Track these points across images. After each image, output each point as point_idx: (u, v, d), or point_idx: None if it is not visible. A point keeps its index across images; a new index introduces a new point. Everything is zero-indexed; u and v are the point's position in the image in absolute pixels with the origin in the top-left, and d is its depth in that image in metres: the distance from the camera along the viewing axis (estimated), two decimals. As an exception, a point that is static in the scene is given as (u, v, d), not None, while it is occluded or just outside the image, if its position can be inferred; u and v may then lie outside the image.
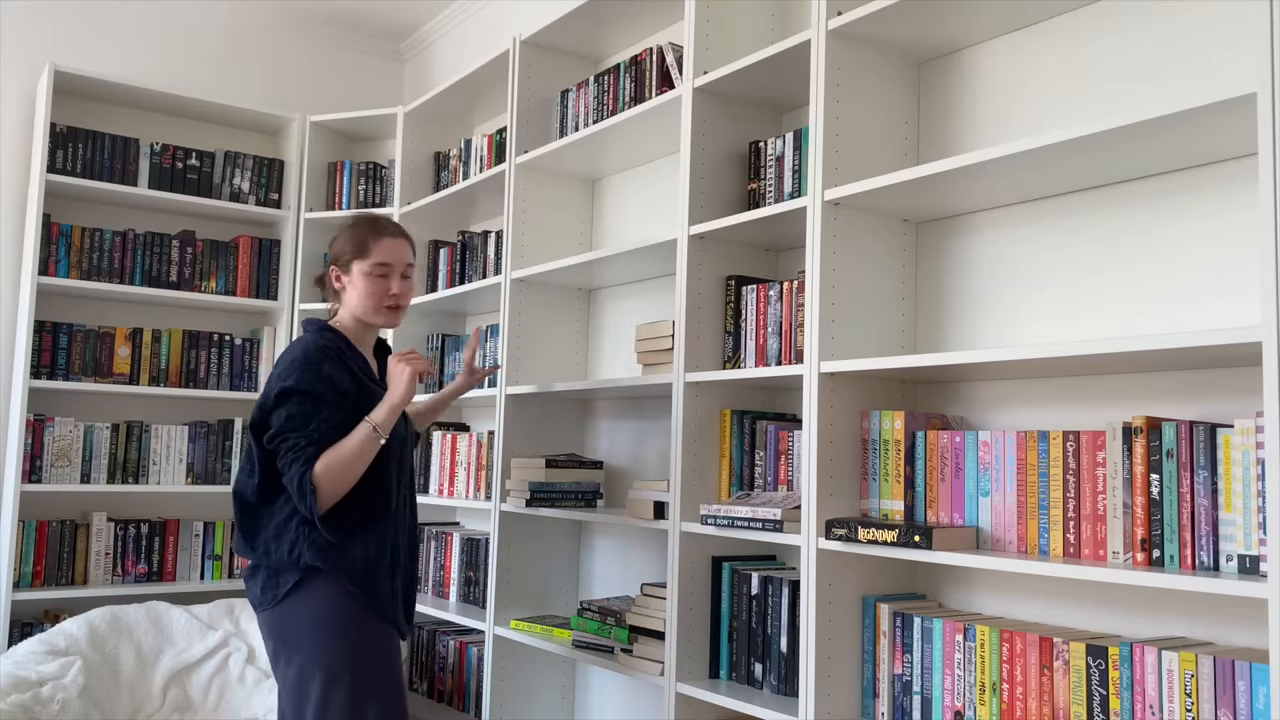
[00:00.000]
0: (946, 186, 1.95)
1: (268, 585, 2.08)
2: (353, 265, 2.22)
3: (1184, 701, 1.55)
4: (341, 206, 4.12)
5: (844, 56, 2.13)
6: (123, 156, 3.81)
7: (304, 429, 2.03)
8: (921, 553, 1.82)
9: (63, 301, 3.84)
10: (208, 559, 3.94)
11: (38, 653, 3.02)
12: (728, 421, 2.42)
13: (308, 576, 2.04)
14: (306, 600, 2.05)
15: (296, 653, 2.05)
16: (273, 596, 2.07)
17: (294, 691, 2.05)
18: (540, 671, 3.10)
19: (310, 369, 2.07)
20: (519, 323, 3.10)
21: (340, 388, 2.09)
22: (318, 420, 2.04)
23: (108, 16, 4.01)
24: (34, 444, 3.59)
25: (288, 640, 2.06)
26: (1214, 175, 1.74)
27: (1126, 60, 1.88)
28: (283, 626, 2.07)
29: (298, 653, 2.05)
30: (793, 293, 2.23)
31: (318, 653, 2.03)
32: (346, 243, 2.24)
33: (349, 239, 2.24)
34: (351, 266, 2.22)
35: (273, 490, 2.10)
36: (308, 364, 2.07)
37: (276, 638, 2.08)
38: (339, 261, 2.25)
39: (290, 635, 2.06)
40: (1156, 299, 1.80)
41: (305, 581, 2.04)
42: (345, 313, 2.26)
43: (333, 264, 2.26)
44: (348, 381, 2.11)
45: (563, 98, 3.15)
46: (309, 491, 1.99)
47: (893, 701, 1.99)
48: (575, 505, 2.86)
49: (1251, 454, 1.51)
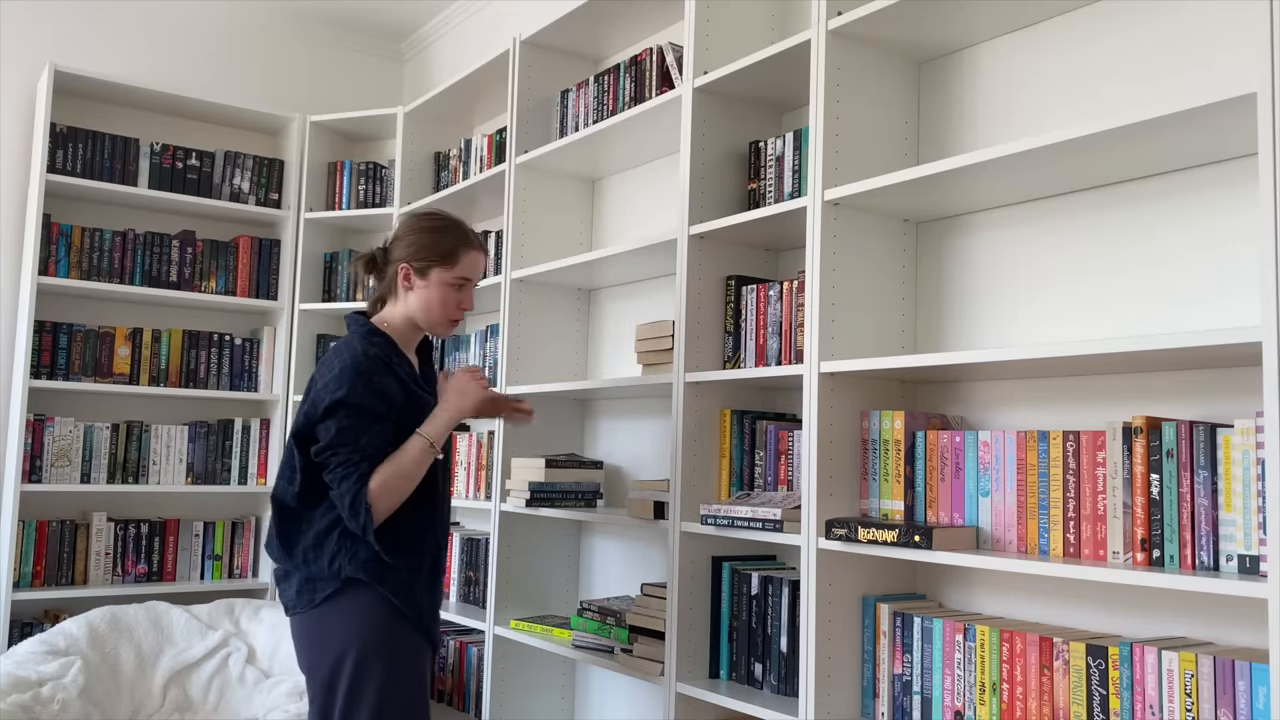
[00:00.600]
0: (946, 186, 1.95)
1: (304, 590, 2.02)
2: (432, 271, 2.11)
3: (1184, 701, 1.55)
4: (341, 207, 4.12)
5: (844, 56, 2.13)
6: (123, 156, 3.81)
7: (355, 443, 1.95)
8: (921, 553, 1.82)
9: (63, 301, 3.84)
10: (208, 559, 3.94)
11: (38, 653, 3.02)
12: (728, 421, 2.42)
13: (347, 586, 1.99)
14: (343, 608, 1.99)
15: (328, 658, 1.99)
16: (309, 601, 2.01)
17: (323, 694, 2.00)
18: (540, 671, 3.10)
19: (361, 380, 1.98)
20: (519, 323, 3.10)
21: (391, 400, 2.01)
22: (369, 435, 1.97)
23: (108, 16, 4.01)
24: (34, 444, 3.59)
25: (321, 645, 2.00)
26: (1214, 175, 1.74)
27: (1127, 60, 1.88)
28: (317, 631, 2.01)
29: (329, 658, 1.99)
30: (793, 293, 2.23)
31: (350, 661, 1.97)
32: (431, 247, 2.11)
33: (435, 244, 2.12)
34: (431, 272, 2.11)
35: (314, 498, 2.04)
36: (358, 375, 1.98)
37: (309, 641, 2.03)
38: (416, 262, 2.11)
39: (324, 640, 2.00)
40: (1156, 299, 1.80)
41: (344, 590, 1.99)
42: (400, 312, 2.14)
43: (406, 262, 2.11)
44: (398, 392, 2.03)
45: (563, 98, 3.15)
46: (363, 510, 1.93)
47: (893, 701, 1.99)
48: (575, 505, 2.86)
49: (1251, 454, 1.51)
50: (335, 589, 1.99)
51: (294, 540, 2.05)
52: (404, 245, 2.13)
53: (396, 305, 2.15)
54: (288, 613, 2.07)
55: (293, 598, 2.05)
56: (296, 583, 2.04)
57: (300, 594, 2.03)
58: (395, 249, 2.15)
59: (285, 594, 2.07)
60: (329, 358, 2.06)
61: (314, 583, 2.01)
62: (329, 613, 2.00)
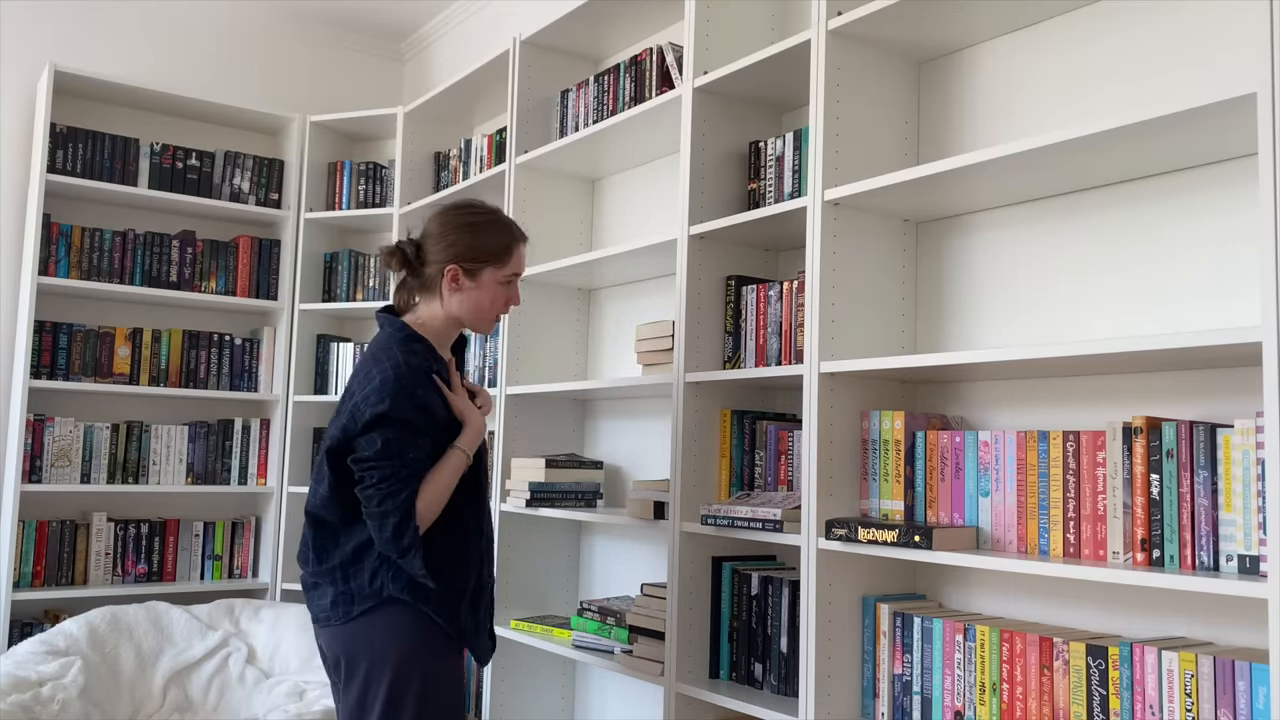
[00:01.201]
0: (946, 186, 1.95)
1: (339, 602, 1.92)
2: (484, 272, 2.00)
3: (1184, 701, 1.55)
4: (341, 207, 4.12)
5: (844, 56, 2.13)
6: (123, 156, 3.81)
7: (401, 457, 1.86)
8: (921, 553, 1.82)
9: (63, 301, 3.84)
10: (208, 559, 3.94)
11: (38, 653, 3.02)
12: (728, 421, 2.42)
13: (386, 602, 1.89)
14: (381, 624, 1.89)
15: (363, 670, 1.90)
16: (344, 614, 1.91)
17: (356, 707, 1.91)
18: (540, 671, 3.10)
19: (405, 394, 1.88)
20: (519, 323, 3.10)
21: (434, 414, 1.92)
22: (414, 450, 1.88)
23: (108, 16, 4.01)
24: (34, 444, 3.59)
25: (357, 656, 1.91)
26: (1214, 175, 1.74)
27: (1126, 60, 1.88)
28: (353, 643, 1.91)
29: (365, 670, 1.89)
30: (793, 293, 2.23)
31: (389, 674, 1.87)
32: (483, 248, 2.00)
33: (491, 242, 2.01)
34: (483, 273, 2.00)
35: (353, 512, 1.93)
36: (401, 388, 1.88)
37: (343, 653, 1.93)
38: (466, 264, 1.99)
39: (361, 652, 1.90)
40: (1157, 299, 1.80)
41: (383, 606, 1.89)
42: (441, 314, 2.03)
43: (454, 262, 1.99)
44: (440, 406, 1.94)
45: (563, 98, 3.15)
46: (409, 532, 1.83)
47: (893, 701, 1.99)
48: (575, 505, 2.86)
49: (1251, 454, 1.51)
50: (373, 605, 1.90)
51: (328, 553, 1.96)
52: (449, 245, 2.00)
53: (437, 305, 2.03)
54: (318, 624, 1.97)
55: (326, 609, 1.94)
56: (330, 594, 1.94)
57: (335, 606, 1.93)
58: (437, 249, 2.01)
59: (317, 604, 1.97)
60: (365, 366, 1.95)
61: (351, 596, 1.92)
62: (366, 626, 1.90)
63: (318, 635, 2.00)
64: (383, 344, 1.97)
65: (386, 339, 1.98)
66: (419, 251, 2.03)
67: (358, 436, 1.89)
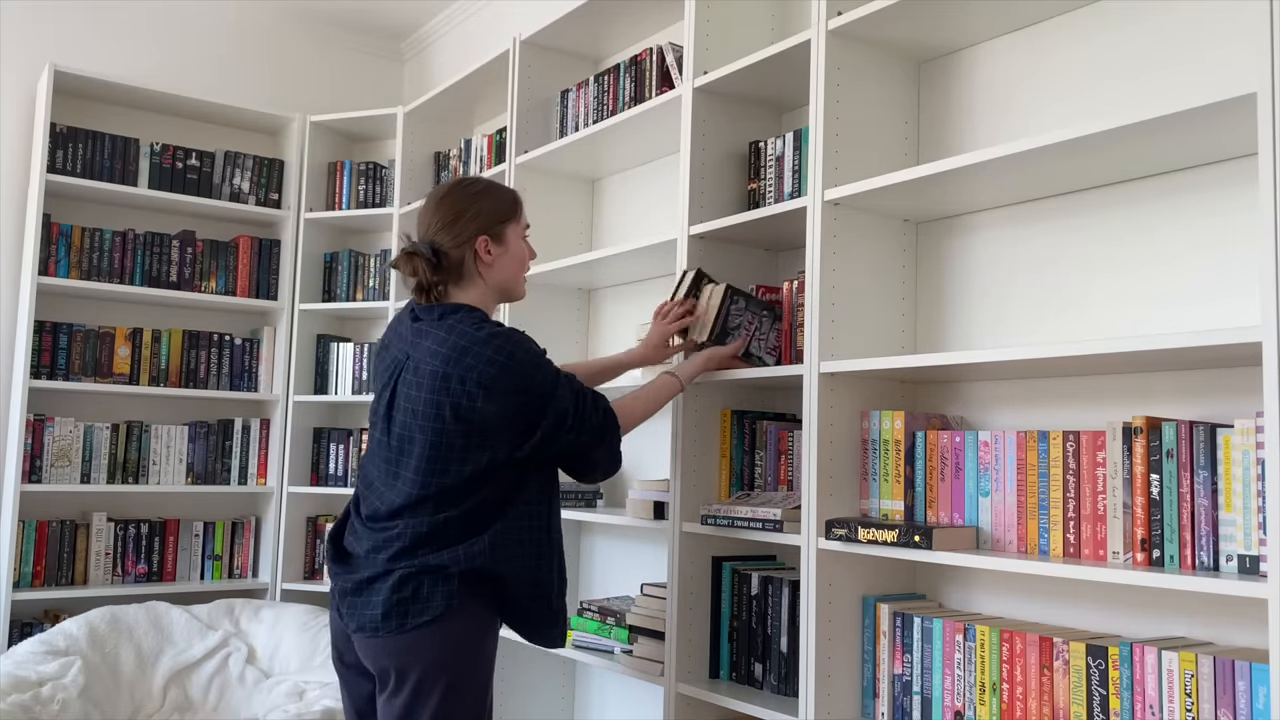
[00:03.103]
0: (946, 186, 1.95)
1: (396, 610, 1.84)
2: (507, 231, 2.01)
3: (1184, 701, 1.55)
4: (341, 207, 4.12)
5: (844, 56, 2.13)
6: (123, 156, 3.81)
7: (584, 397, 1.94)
8: (921, 553, 1.82)
9: (63, 301, 3.84)
10: (208, 559, 3.94)
11: (38, 653, 3.02)
12: (728, 421, 2.42)
13: (451, 611, 1.83)
14: (439, 636, 1.83)
15: (414, 680, 1.83)
16: (399, 625, 1.83)
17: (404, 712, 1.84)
18: (540, 671, 3.10)
19: (543, 367, 1.92)
20: (519, 322, 3.10)
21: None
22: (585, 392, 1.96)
23: (108, 16, 4.01)
24: (34, 444, 3.59)
25: (409, 667, 1.83)
26: (1214, 175, 1.74)
27: (1126, 60, 1.88)
28: (408, 654, 1.83)
29: (416, 680, 1.83)
30: (793, 293, 2.23)
31: (443, 682, 1.82)
32: (498, 207, 2.01)
33: (500, 202, 2.02)
34: (506, 233, 2.01)
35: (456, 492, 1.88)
36: (537, 356, 1.92)
37: (393, 664, 1.85)
38: (490, 229, 1.99)
39: (412, 664, 1.83)
40: (1157, 299, 1.80)
41: (448, 614, 1.83)
42: (485, 288, 2.01)
43: (482, 233, 1.98)
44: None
45: (563, 98, 3.15)
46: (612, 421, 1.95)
47: (893, 701, 1.99)
48: (575, 505, 2.86)
49: (1251, 454, 1.51)
50: (440, 611, 1.82)
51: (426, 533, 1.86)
52: (469, 220, 1.98)
53: (477, 285, 2.00)
54: (364, 634, 1.87)
55: (376, 620, 1.84)
56: (385, 600, 1.84)
57: (388, 617, 1.84)
58: (457, 229, 1.98)
59: (363, 613, 1.87)
60: (483, 348, 1.85)
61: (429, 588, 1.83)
62: (422, 639, 1.83)
63: (360, 646, 1.90)
64: (491, 328, 1.89)
65: (470, 329, 1.88)
66: (433, 247, 1.98)
67: (535, 418, 1.87)
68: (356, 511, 2.00)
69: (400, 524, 1.87)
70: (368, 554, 1.90)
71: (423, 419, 1.86)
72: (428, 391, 1.85)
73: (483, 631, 1.88)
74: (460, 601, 1.84)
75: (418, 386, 1.87)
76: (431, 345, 1.88)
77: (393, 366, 1.95)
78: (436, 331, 1.90)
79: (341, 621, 1.94)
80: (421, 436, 1.86)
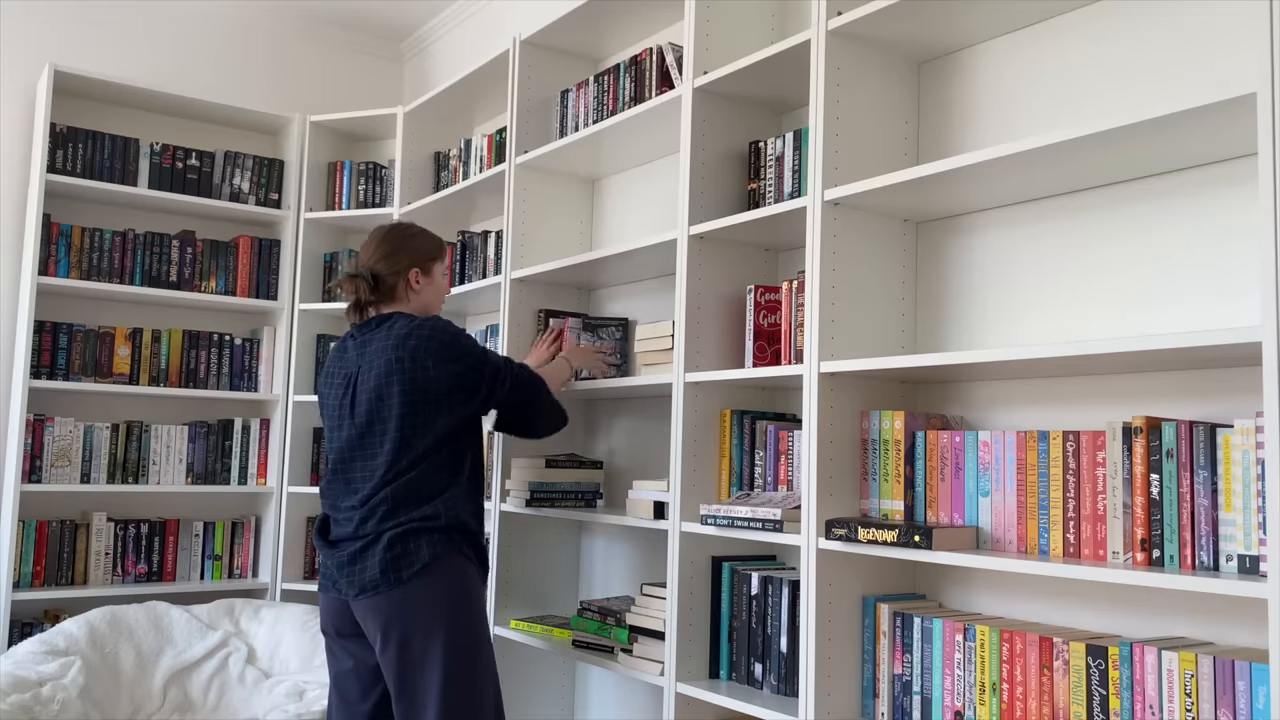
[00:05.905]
0: (946, 186, 1.95)
1: (389, 568, 2.17)
2: (434, 266, 2.46)
3: (1184, 701, 1.55)
4: (341, 207, 4.12)
5: (844, 56, 2.13)
6: (123, 156, 3.81)
7: (509, 360, 2.41)
8: (921, 553, 1.82)
9: (63, 301, 3.84)
10: (208, 559, 3.94)
11: (38, 653, 3.02)
12: (728, 421, 2.42)
13: (437, 558, 2.18)
14: (436, 583, 2.17)
15: (419, 629, 2.15)
16: (395, 579, 2.16)
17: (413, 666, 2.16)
18: (540, 671, 3.10)
19: (469, 336, 2.36)
20: (519, 323, 3.10)
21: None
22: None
23: (108, 16, 4.01)
24: (34, 444, 3.59)
25: (411, 623, 2.16)
26: (1214, 175, 1.74)
27: (1126, 60, 1.88)
28: (404, 608, 2.16)
29: (421, 629, 2.15)
30: (793, 293, 2.23)
31: (443, 633, 2.15)
32: (425, 250, 2.45)
33: (426, 246, 2.46)
34: (433, 268, 2.46)
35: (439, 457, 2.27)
36: (465, 334, 2.35)
37: (395, 619, 2.16)
38: (421, 264, 2.43)
39: (411, 619, 2.16)
40: (1156, 299, 1.80)
41: (434, 561, 2.18)
42: (411, 308, 2.44)
43: (413, 266, 2.42)
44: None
45: (563, 98, 3.15)
46: (529, 372, 2.42)
47: (893, 701, 1.99)
48: (575, 505, 2.86)
49: (1251, 454, 1.51)
50: (426, 562, 2.17)
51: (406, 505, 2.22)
52: (406, 254, 2.43)
53: (403, 307, 2.42)
54: (365, 594, 2.18)
55: (376, 578, 2.16)
56: (381, 560, 2.17)
57: (385, 572, 2.16)
58: (394, 260, 2.41)
59: (362, 576, 2.19)
60: (426, 333, 2.27)
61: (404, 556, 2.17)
62: (417, 589, 2.16)
63: (361, 609, 2.20)
64: (429, 321, 2.31)
65: (408, 323, 2.30)
66: (373, 273, 2.41)
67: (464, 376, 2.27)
68: (335, 508, 2.31)
69: (384, 492, 2.22)
70: (357, 527, 2.23)
71: (390, 398, 2.23)
72: (389, 375, 2.23)
73: (464, 571, 2.22)
74: (443, 549, 2.19)
75: (378, 378, 2.25)
76: (380, 343, 2.29)
77: (346, 380, 2.33)
78: (380, 333, 2.31)
79: (339, 593, 2.24)
80: (391, 413, 2.23)
